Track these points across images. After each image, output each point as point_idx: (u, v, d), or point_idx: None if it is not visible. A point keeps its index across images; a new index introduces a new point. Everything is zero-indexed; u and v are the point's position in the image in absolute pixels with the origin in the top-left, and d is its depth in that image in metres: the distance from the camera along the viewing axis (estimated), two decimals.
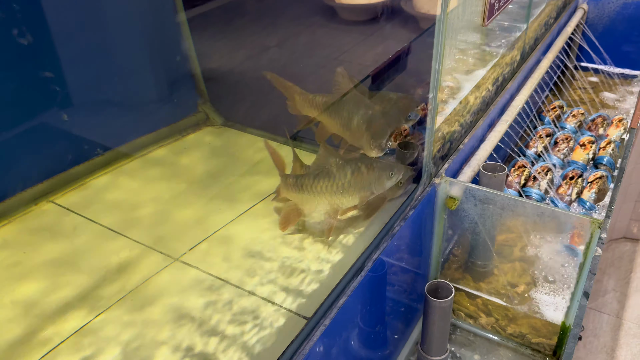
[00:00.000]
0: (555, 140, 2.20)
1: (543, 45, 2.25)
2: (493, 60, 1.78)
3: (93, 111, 1.52)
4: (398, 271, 1.38)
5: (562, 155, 2.11)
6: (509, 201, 1.39)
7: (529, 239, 1.48)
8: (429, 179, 1.46)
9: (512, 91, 1.94)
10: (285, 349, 1.02)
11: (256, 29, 1.88)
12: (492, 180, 1.55)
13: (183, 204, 1.41)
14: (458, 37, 1.57)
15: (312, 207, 1.31)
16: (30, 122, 1.39)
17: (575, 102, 2.55)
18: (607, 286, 2.62)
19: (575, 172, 1.98)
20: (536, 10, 2.15)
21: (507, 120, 1.82)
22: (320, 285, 1.17)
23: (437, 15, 1.23)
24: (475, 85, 1.66)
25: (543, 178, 1.95)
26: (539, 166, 2.00)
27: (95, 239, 1.29)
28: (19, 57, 1.32)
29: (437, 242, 1.58)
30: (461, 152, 1.60)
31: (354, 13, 1.85)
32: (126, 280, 1.17)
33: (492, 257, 1.60)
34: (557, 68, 2.56)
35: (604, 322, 2.45)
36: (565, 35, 2.42)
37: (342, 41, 1.94)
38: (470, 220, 1.50)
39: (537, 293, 1.54)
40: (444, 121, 1.50)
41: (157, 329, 1.07)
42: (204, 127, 1.72)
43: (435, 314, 1.39)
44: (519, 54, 2.03)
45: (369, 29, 1.95)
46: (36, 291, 1.15)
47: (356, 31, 1.96)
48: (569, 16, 2.59)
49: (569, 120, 2.32)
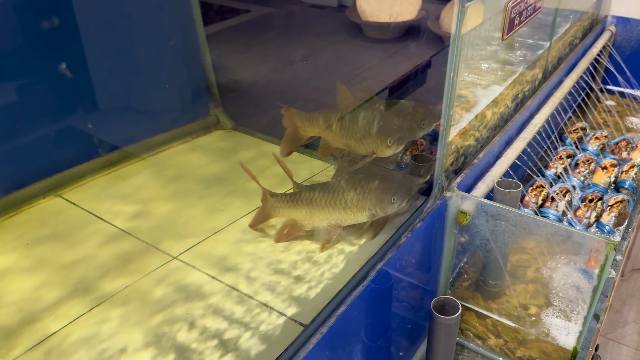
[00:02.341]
0: (576, 162, 2.15)
1: (567, 65, 2.20)
2: (512, 77, 1.74)
3: (109, 111, 1.54)
4: (403, 284, 1.34)
5: (582, 177, 2.06)
6: (521, 218, 1.35)
7: (544, 261, 1.44)
8: (440, 192, 1.43)
9: (532, 109, 1.90)
10: (279, 355, 0.99)
11: (281, 43, 1.89)
12: (506, 196, 1.51)
13: (185, 203, 1.42)
14: (476, 51, 1.55)
15: (312, 221, 1.29)
16: (52, 119, 1.44)
17: (599, 125, 2.49)
18: (628, 317, 2.53)
19: (595, 194, 1.92)
20: (560, 30, 2.12)
21: (525, 138, 1.78)
22: (320, 293, 1.14)
23: (453, 26, 1.21)
24: (493, 100, 1.63)
25: (561, 199, 1.89)
26: (557, 187, 1.95)
27: (95, 234, 1.30)
28: (50, 57, 1.38)
29: (447, 258, 1.54)
30: (475, 167, 1.56)
31: (380, 31, 1.85)
32: (121, 276, 1.17)
33: (504, 277, 1.55)
34: (582, 90, 2.51)
35: (623, 354, 2.35)
36: (591, 56, 2.38)
37: (366, 58, 1.94)
38: (482, 236, 1.46)
39: (549, 316, 1.49)
40: (458, 134, 1.47)
41: (141, 328, 1.06)
42: (214, 130, 1.73)
43: (440, 332, 1.35)
44: (540, 72, 1.99)
45: (393, 47, 1.95)
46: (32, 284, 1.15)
47: (381, 49, 1.96)
48: (596, 37, 2.54)
49: (591, 143, 2.26)
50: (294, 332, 1.05)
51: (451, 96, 1.29)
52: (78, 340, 1.02)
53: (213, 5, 1.90)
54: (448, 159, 1.44)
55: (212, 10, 1.90)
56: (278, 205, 1.28)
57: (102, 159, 1.51)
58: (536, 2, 1.61)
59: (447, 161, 1.44)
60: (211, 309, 1.10)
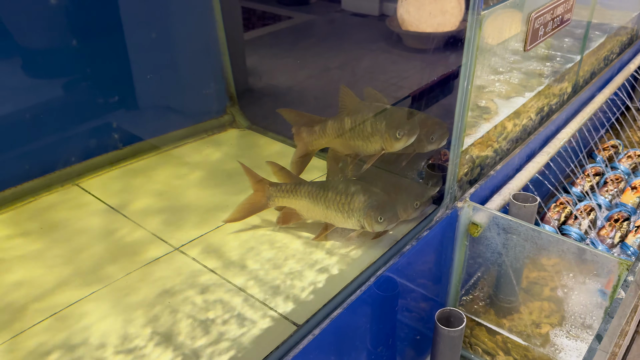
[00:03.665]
0: (605, 180, 2.08)
1: (600, 80, 2.14)
2: (537, 89, 1.70)
3: (129, 105, 1.60)
4: (407, 293, 1.32)
5: (610, 196, 1.99)
6: (532, 232, 1.31)
7: (561, 279, 1.39)
8: (452, 201, 1.41)
9: (559, 123, 1.85)
10: (270, 353, 1.00)
11: (319, 49, 1.91)
12: (522, 210, 1.47)
13: (193, 197, 1.44)
14: (498, 61, 1.52)
15: (309, 214, 1.29)
16: (75, 111, 1.50)
17: (633, 144, 2.40)
18: None
19: (621, 214, 1.85)
20: (593, 44, 2.06)
21: (548, 152, 1.73)
22: (319, 294, 1.14)
23: (467, 32, 1.19)
24: (514, 111, 1.60)
25: (584, 217, 1.83)
26: (581, 205, 1.89)
27: (105, 222, 1.35)
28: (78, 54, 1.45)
29: (458, 270, 1.51)
30: (492, 179, 1.53)
31: (419, 41, 1.83)
32: (125, 262, 1.21)
33: (516, 293, 1.51)
34: (617, 108, 2.43)
35: None
36: (627, 72, 2.30)
37: (403, 67, 1.93)
38: (493, 250, 1.43)
39: (561, 337, 1.44)
40: (474, 144, 1.45)
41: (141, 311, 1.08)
42: (229, 128, 1.75)
43: (444, 344, 1.32)
44: (570, 85, 1.94)
45: (431, 57, 1.93)
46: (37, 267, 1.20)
47: (419, 58, 1.94)
48: (634, 53, 2.46)
49: (623, 161, 2.19)
50: (286, 331, 1.05)
51: (464, 105, 1.27)
52: (77, 314, 1.07)
53: (256, 11, 1.94)
54: (462, 169, 1.41)
55: (255, 16, 1.94)
56: (278, 194, 1.30)
57: (121, 151, 1.56)
58: (564, 14, 1.57)
59: (461, 171, 1.41)
60: (205, 300, 1.11)
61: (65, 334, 1.03)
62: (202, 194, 1.45)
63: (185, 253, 1.24)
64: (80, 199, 1.41)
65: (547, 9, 1.48)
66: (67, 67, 1.45)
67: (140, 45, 1.52)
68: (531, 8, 1.43)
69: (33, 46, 1.39)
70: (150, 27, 1.55)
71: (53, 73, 1.44)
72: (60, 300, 1.11)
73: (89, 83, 1.47)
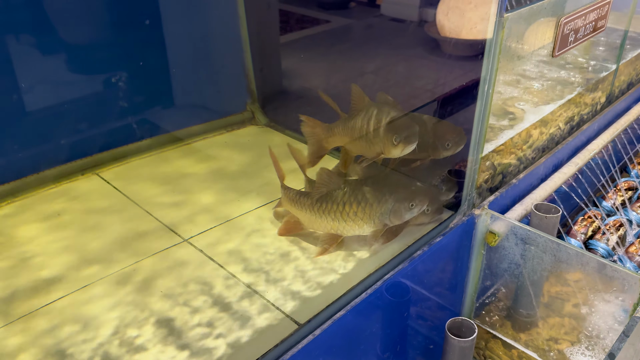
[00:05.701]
0: (638, 195, 1.99)
1: (638, 91, 2.06)
2: (567, 97, 1.65)
3: (151, 99, 1.63)
4: (418, 299, 1.29)
5: None
6: (551, 244, 1.26)
7: (585, 295, 1.34)
8: (469, 208, 1.37)
9: (590, 134, 1.79)
10: (269, 350, 0.99)
11: (355, 54, 1.91)
12: (543, 221, 1.42)
13: (206, 191, 1.46)
14: (525, 66, 1.48)
15: (312, 226, 1.28)
16: (98, 103, 1.53)
17: None
18: None
19: None
20: (631, 53, 1.98)
21: (577, 163, 1.67)
22: (320, 295, 1.12)
23: (489, 34, 1.16)
24: (541, 119, 1.55)
25: (612, 233, 1.76)
26: (611, 220, 1.82)
27: (119, 211, 1.38)
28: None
29: (474, 279, 1.47)
30: (514, 187, 1.49)
31: (457, 48, 1.80)
32: (135, 251, 1.23)
33: (534, 307, 1.46)
34: None
35: None
36: None
37: (439, 74, 1.90)
38: (510, 260, 1.39)
39: (578, 354, 1.38)
40: (496, 151, 1.41)
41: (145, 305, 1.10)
42: (248, 125, 1.76)
43: (454, 354, 1.29)
44: (604, 95, 1.87)
45: (469, 64, 1.90)
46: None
47: (456, 65, 1.92)
48: None
49: None
50: (287, 329, 1.04)
51: (485, 110, 1.24)
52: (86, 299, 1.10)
53: (295, 14, 1.95)
54: (481, 175, 1.38)
55: (293, 19, 1.95)
56: (285, 199, 1.30)
57: (142, 143, 1.58)
58: (597, 20, 1.52)
59: (480, 177, 1.38)
60: (206, 293, 1.11)
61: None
62: (214, 186, 1.47)
63: (194, 245, 1.26)
64: (98, 188, 1.44)
65: (578, 14, 1.43)
66: (94, 61, 1.49)
67: (167, 42, 1.56)
68: (561, 13, 1.38)
69: (65, 41, 1.43)
70: (177, 25, 1.59)
71: (79, 67, 1.47)
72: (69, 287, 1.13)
73: (113, 76, 1.50)
